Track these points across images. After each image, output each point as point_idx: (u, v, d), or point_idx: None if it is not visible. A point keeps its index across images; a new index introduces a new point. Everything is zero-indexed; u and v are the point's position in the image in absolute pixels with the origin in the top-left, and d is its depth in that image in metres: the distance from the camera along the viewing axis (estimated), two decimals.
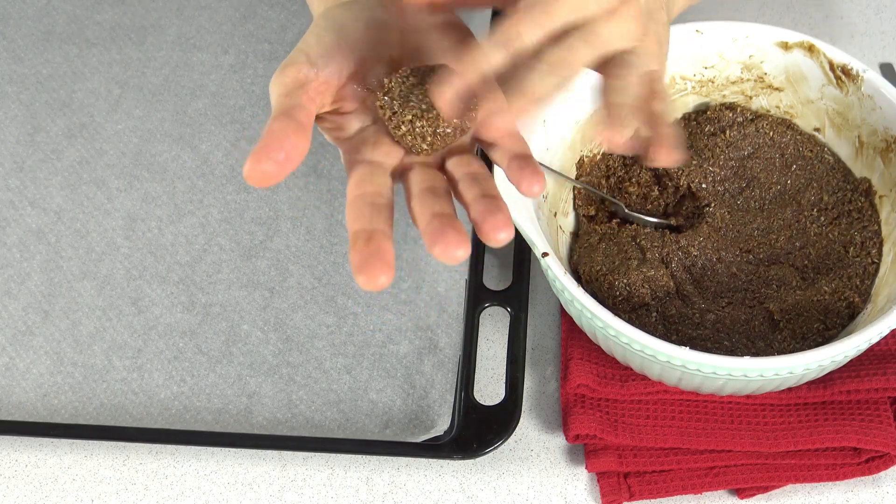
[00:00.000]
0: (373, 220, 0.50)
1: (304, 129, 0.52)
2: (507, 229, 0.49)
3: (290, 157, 0.50)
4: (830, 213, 0.71)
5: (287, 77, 0.54)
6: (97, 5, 0.90)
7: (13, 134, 0.83)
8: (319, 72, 0.54)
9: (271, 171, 0.49)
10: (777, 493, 0.66)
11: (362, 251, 0.48)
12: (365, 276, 0.48)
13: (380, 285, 0.48)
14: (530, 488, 0.67)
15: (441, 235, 0.49)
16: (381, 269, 0.48)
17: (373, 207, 0.51)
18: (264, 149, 0.50)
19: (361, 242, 0.49)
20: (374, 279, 0.48)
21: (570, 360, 0.68)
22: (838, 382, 0.66)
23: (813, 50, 0.72)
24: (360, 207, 0.51)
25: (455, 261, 0.48)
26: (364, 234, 0.49)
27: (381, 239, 0.49)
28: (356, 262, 0.48)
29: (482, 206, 0.50)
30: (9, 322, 0.74)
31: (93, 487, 0.68)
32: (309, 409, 0.70)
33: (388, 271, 0.48)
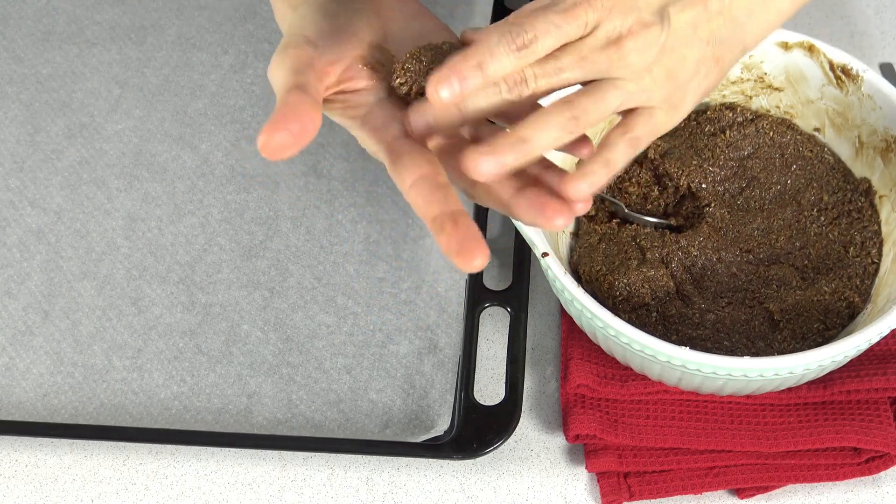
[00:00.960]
0: (448, 202, 0.49)
1: (318, 104, 0.51)
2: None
3: (305, 130, 0.49)
4: (830, 213, 0.71)
5: (290, 57, 0.52)
6: (97, 5, 0.90)
7: (13, 134, 0.83)
8: (323, 52, 0.53)
9: (287, 142, 0.48)
10: (777, 493, 0.66)
11: (454, 234, 0.48)
12: (463, 257, 0.47)
13: (476, 267, 0.47)
14: (530, 488, 0.67)
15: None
16: (478, 250, 0.47)
17: (441, 189, 0.50)
18: (281, 119, 0.49)
19: (450, 225, 0.48)
20: (472, 260, 0.47)
21: (570, 360, 0.68)
22: (838, 382, 0.66)
23: (813, 50, 0.72)
24: (429, 191, 0.50)
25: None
26: (448, 216, 0.48)
27: (467, 220, 0.48)
28: (453, 247, 0.47)
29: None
30: (9, 322, 0.74)
31: (93, 487, 0.68)
32: (309, 409, 0.70)
33: (484, 251, 0.47)
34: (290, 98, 0.50)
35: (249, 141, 0.82)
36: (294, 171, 0.80)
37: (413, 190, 0.50)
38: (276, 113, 0.49)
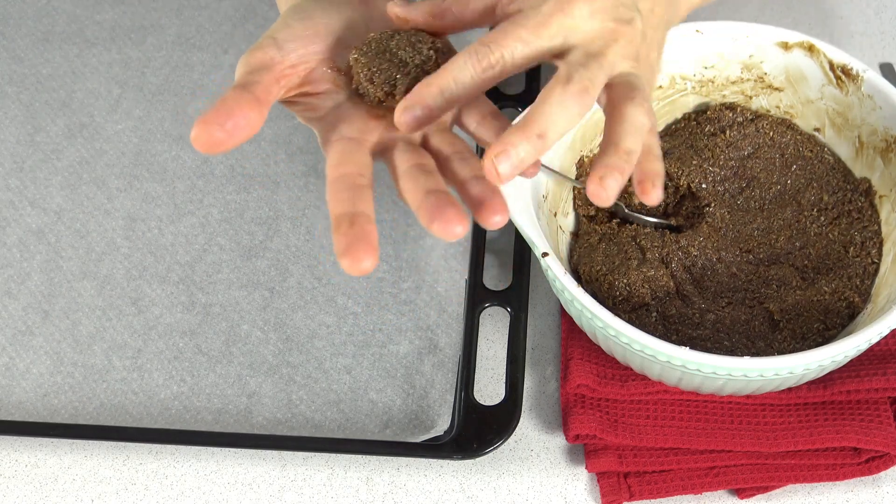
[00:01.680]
0: (355, 203, 0.50)
1: (260, 103, 0.52)
2: (504, 213, 0.49)
3: (238, 127, 0.50)
4: (830, 213, 0.71)
5: (253, 58, 0.54)
6: (97, 5, 0.90)
7: (13, 134, 0.83)
8: (286, 56, 0.55)
9: (218, 137, 0.49)
10: (777, 493, 0.66)
11: (346, 234, 0.48)
12: (349, 259, 0.47)
13: (364, 269, 0.47)
14: (530, 488, 0.67)
15: (439, 212, 0.48)
16: (365, 252, 0.48)
17: (354, 189, 0.50)
18: (214, 115, 0.50)
19: (345, 225, 0.48)
20: (358, 262, 0.47)
21: (570, 360, 0.68)
22: (838, 382, 0.66)
23: (813, 50, 0.72)
24: (342, 190, 0.50)
25: (454, 237, 0.48)
26: (347, 217, 0.49)
27: (365, 222, 0.49)
28: (340, 246, 0.48)
29: (479, 187, 0.50)
30: (9, 322, 0.74)
31: (93, 487, 0.68)
32: (309, 409, 0.70)
33: (372, 254, 0.48)
34: (229, 95, 0.51)
35: (249, 141, 0.81)
36: (294, 171, 0.80)
37: (330, 186, 0.51)
38: (212, 108, 0.50)
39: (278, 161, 0.81)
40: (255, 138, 0.81)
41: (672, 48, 0.72)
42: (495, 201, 0.50)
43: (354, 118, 0.55)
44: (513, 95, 0.81)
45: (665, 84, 0.74)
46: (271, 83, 0.54)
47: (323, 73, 0.56)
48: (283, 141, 0.82)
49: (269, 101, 0.53)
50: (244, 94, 0.52)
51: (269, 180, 0.80)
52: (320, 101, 0.56)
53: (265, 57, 0.54)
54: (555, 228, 0.70)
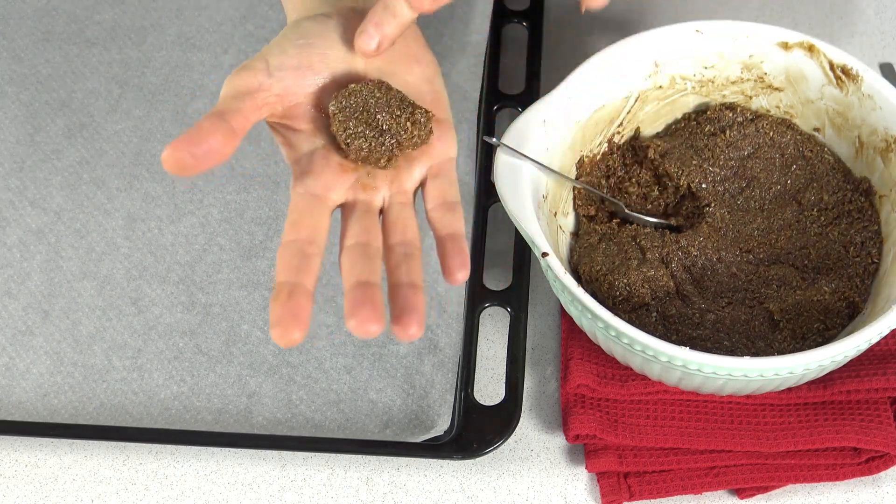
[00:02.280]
0: (299, 273, 0.51)
1: (234, 133, 0.52)
2: (419, 328, 0.51)
3: (208, 155, 0.50)
4: (830, 213, 0.71)
5: (240, 80, 0.54)
6: (97, 5, 0.90)
7: (13, 134, 0.83)
8: (274, 83, 0.54)
9: (187, 162, 0.50)
10: (777, 493, 0.66)
11: (283, 306, 0.49)
12: (279, 330, 0.49)
13: (292, 342, 0.49)
14: (530, 488, 0.67)
15: (358, 308, 0.50)
16: (295, 327, 0.49)
17: (302, 258, 0.52)
18: (185, 141, 0.50)
19: (283, 296, 0.50)
20: (287, 335, 0.49)
21: (570, 360, 0.68)
22: (838, 382, 0.66)
23: (813, 50, 0.72)
24: (291, 256, 0.52)
25: (368, 335, 0.49)
26: (287, 288, 0.50)
27: (302, 296, 0.50)
28: (274, 316, 0.49)
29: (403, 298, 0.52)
30: (9, 322, 0.74)
31: (93, 487, 0.68)
32: (309, 409, 0.70)
33: (301, 329, 0.49)
34: (204, 123, 0.51)
35: (249, 141, 0.82)
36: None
37: (282, 248, 0.52)
38: (186, 133, 0.50)
39: (278, 161, 0.81)
40: (255, 138, 0.81)
41: (672, 48, 0.72)
42: (412, 318, 0.51)
43: (324, 172, 0.55)
44: (513, 95, 0.81)
45: (665, 84, 0.74)
46: (252, 110, 0.53)
47: (306, 110, 0.56)
48: None
49: (244, 130, 0.53)
50: (220, 123, 0.51)
51: (269, 180, 0.80)
52: (298, 141, 0.56)
53: (252, 82, 0.54)
54: (555, 228, 0.70)
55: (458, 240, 0.54)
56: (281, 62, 0.55)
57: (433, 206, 0.56)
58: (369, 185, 0.56)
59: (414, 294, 0.52)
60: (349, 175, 0.56)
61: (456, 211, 0.56)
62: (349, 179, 0.56)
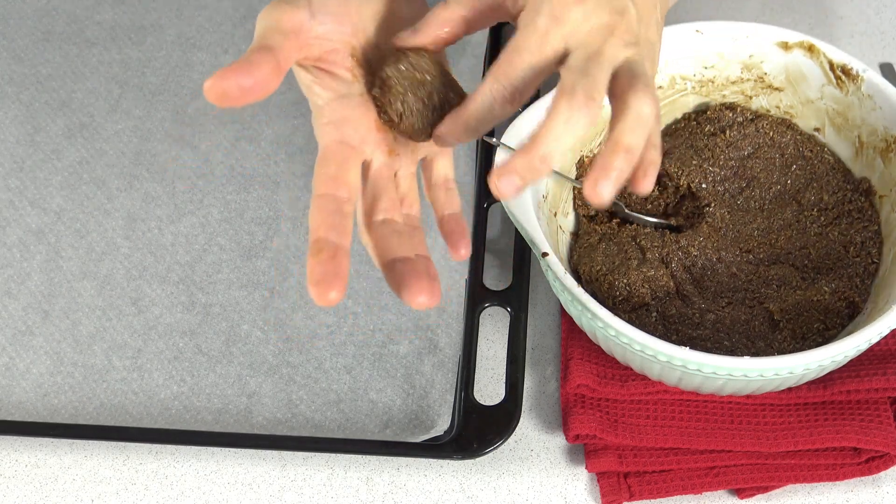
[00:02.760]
0: (339, 233, 0.50)
1: (280, 70, 0.51)
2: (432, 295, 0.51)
3: (256, 88, 0.49)
4: (830, 213, 0.71)
5: (283, 14, 0.52)
6: (97, 5, 0.90)
7: (13, 134, 0.83)
8: (316, 25, 0.53)
9: (233, 93, 0.49)
10: (777, 493, 0.66)
11: (325, 264, 0.48)
12: (321, 289, 0.48)
13: (332, 301, 0.48)
14: (530, 488, 0.67)
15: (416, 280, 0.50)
16: (337, 286, 0.48)
17: (340, 217, 0.51)
18: (234, 70, 0.49)
19: (326, 255, 0.49)
20: (326, 294, 0.48)
21: (570, 360, 0.68)
22: (838, 382, 0.66)
23: (813, 50, 0.72)
24: (329, 214, 0.50)
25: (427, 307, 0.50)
26: (330, 247, 0.49)
27: (343, 257, 0.49)
28: (316, 275, 0.48)
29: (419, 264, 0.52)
30: (9, 322, 0.74)
31: (93, 487, 0.68)
32: (309, 409, 0.70)
33: (342, 288, 0.48)
34: (253, 56, 0.50)
35: (249, 141, 0.82)
36: (294, 171, 0.80)
37: (318, 201, 0.51)
38: (234, 64, 0.49)
39: (278, 161, 0.81)
40: (256, 138, 0.81)
41: (672, 48, 0.72)
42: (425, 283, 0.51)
43: (361, 123, 0.54)
44: None
45: (665, 84, 0.74)
46: (293, 50, 0.52)
47: (343, 56, 0.55)
48: (284, 141, 0.82)
49: (287, 67, 0.52)
50: (267, 55, 0.50)
51: (269, 180, 0.80)
52: (332, 83, 0.55)
53: (295, 19, 0.52)
54: (555, 228, 0.70)
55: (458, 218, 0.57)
56: (322, 3, 0.53)
57: (436, 184, 0.58)
58: (394, 151, 0.55)
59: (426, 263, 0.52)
60: (384, 134, 0.55)
61: (454, 189, 0.58)
62: (384, 139, 0.55)
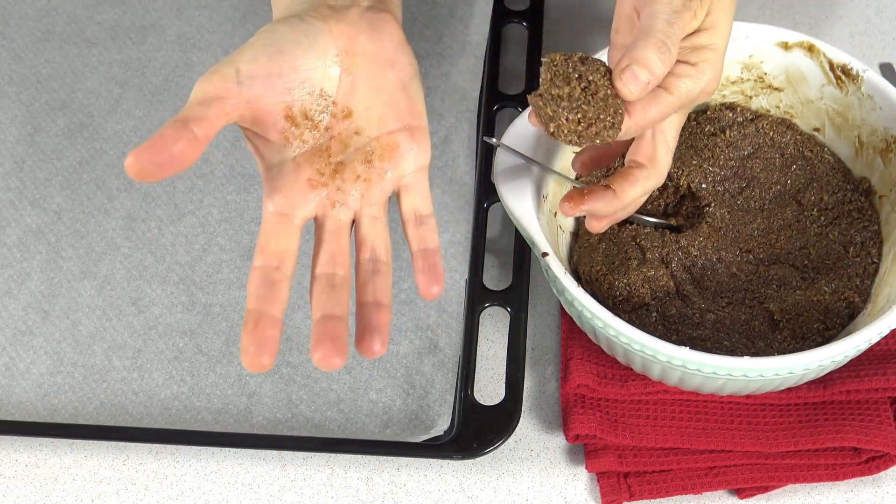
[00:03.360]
0: (265, 301, 0.52)
1: (198, 141, 0.51)
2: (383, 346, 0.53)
3: (171, 162, 0.50)
4: (830, 213, 0.71)
5: (209, 85, 0.53)
6: (97, 5, 0.90)
7: (13, 134, 0.83)
8: (244, 91, 0.53)
9: (149, 170, 0.50)
10: (777, 493, 0.66)
11: (251, 334, 0.51)
12: (247, 358, 0.51)
13: (262, 368, 0.51)
14: (530, 488, 0.67)
15: (320, 343, 0.52)
16: (262, 354, 0.51)
17: (269, 286, 0.53)
18: (148, 149, 0.50)
19: (251, 325, 0.51)
20: (255, 362, 0.51)
21: (570, 360, 0.68)
22: (838, 382, 0.66)
23: (813, 50, 0.72)
24: (258, 284, 0.53)
25: (332, 368, 0.52)
26: (254, 316, 0.52)
27: (269, 325, 0.52)
28: (243, 345, 0.51)
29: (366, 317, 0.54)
30: (9, 322, 0.74)
31: (93, 487, 0.68)
32: (309, 409, 0.70)
33: (269, 355, 0.51)
34: (167, 131, 0.51)
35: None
36: None
37: (252, 273, 0.54)
38: (149, 140, 0.50)
39: None
40: None
41: None
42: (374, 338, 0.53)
43: (292, 188, 0.55)
44: (513, 95, 0.81)
45: None
46: (218, 117, 0.52)
47: (276, 120, 0.55)
48: None
49: (209, 137, 0.52)
50: (183, 130, 0.51)
51: None
52: (267, 151, 0.56)
53: (221, 87, 0.53)
54: (555, 228, 0.70)
55: (430, 255, 0.56)
56: (251, 70, 0.54)
57: (406, 219, 0.58)
58: (339, 201, 0.56)
59: (377, 313, 0.54)
60: (318, 191, 0.55)
61: (428, 224, 0.57)
62: (317, 195, 0.55)
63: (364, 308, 0.54)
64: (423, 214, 0.58)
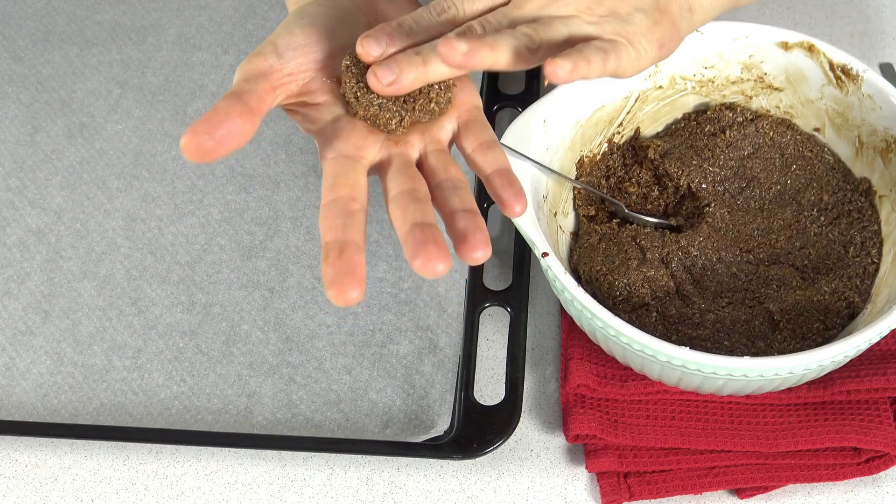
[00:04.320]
0: (346, 230, 0.49)
1: (252, 112, 0.51)
2: (486, 249, 0.49)
3: (229, 137, 0.50)
4: (830, 213, 0.71)
5: (251, 65, 0.54)
6: (97, 5, 0.90)
7: (13, 134, 0.83)
8: (285, 63, 0.54)
9: (208, 146, 0.49)
10: (777, 493, 0.66)
11: (334, 265, 0.48)
12: (336, 290, 0.47)
13: (350, 300, 0.47)
14: (530, 488, 0.67)
15: (422, 248, 0.48)
16: (351, 285, 0.47)
17: (346, 215, 0.50)
18: (204, 124, 0.49)
19: (334, 255, 0.48)
20: (344, 294, 0.47)
21: (570, 360, 0.68)
22: (838, 382, 0.66)
23: (813, 50, 0.72)
24: (334, 216, 0.50)
25: (435, 275, 0.48)
26: (337, 246, 0.49)
27: (354, 252, 0.49)
28: (328, 277, 0.48)
29: (465, 221, 0.50)
30: (9, 322, 0.74)
31: (93, 487, 0.68)
32: (309, 409, 0.70)
33: (359, 287, 0.47)
34: (221, 104, 0.51)
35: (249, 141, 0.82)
36: (294, 171, 0.80)
37: (322, 210, 0.51)
38: (204, 116, 0.50)
39: (278, 161, 0.81)
40: (255, 138, 0.81)
41: None
42: (477, 238, 0.49)
43: (352, 134, 0.55)
44: (513, 95, 0.81)
45: (665, 84, 0.74)
46: (266, 92, 0.53)
47: (322, 83, 0.56)
48: (283, 141, 0.82)
49: (261, 111, 0.53)
50: (236, 103, 0.51)
51: (269, 180, 0.80)
52: (318, 113, 0.56)
53: (263, 64, 0.54)
54: (555, 228, 0.70)
55: (507, 173, 0.53)
56: (288, 42, 0.55)
57: (472, 148, 0.55)
58: (402, 140, 0.55)
59: (474, 217, 0.50)
60: (379, 134, 0.55)
61: (496, 148, 0.54)
62: (380, 138, 0.55)
63: (456, 216, 0.50)
64: (490, 140, 0.55)
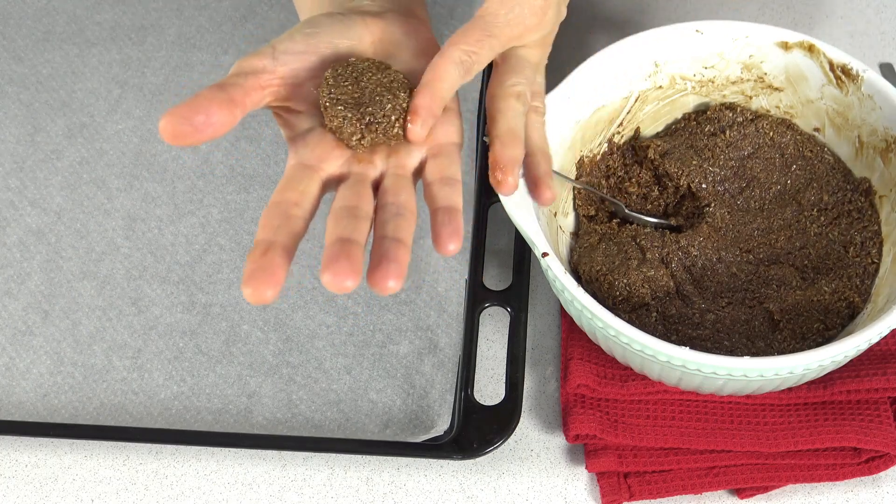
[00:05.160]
0: (278, 232, 0.50)
1: (233, 104, 0.51)
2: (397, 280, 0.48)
3: (206, 124, 0.50)
4: (830, 213, 0.71)
5: (246, 62, 0.54)
6: (97, 5, 0.90)
7: (13, 134, 0.83)
8: (279, 66, 0.55)
9: (184, 130, 0.49)
10: (777, 493, 0.66)
11: (255, 262, 0.48)
12: (251, 287, 0.47)
13: (265, 299, 0.47)
14: (530, 488, 0.67)
15: (334, 263, 0.48)
16: (267, 284, 0.48)
17: (284, 218, 0.51)
18: (184, 108, 0.50)
19: (258, 253, 0.49)
20: (258, 291, 0.47)
21: (570, 360, 0.68)
22: (838, 382, 0.66)
23: (813, 50, 0.72)
24: (273, 216, 0.51)
25: (342, 290, 0.48)
26: (264, 245, 0.49)
27: (279, 254, 0.49)
28: (246, 273, 0.48)
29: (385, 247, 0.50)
30: (9, 322, 0.74)
31: (93, 487, 0.68)
32: (309, 409, 0.70)
33: (274, 286, 0.48)
34: (204, 91, 0.51)
35: (249, 141, 0.82)
36: None
37: (266, 209, 0.51)
38: (185, 101, 0.50)
39: (278, 161, 0.81)
40: (256, 138, 0.81)
41: (672, 48, 0.72)
42: (390, 268, 0.49)
43: (318, 145, 0.55)
44: None
45: (665, 84, 0.74)
46: (253, 88, 0.53)
47: (309, 93, 0.56)
48: (284, 141, 0.81)
49: (244, 105, 0.53)
50: (219, 93, 0.51)
51: (269, 180, 0.80)
52: (297, 121, 0.56)
53: (258, 63, 0.54)
54: (555, 228, 0.70)
55: (452, 212, 0.52)
56: (287, 47, 0.55)
57: (432, 179, 0.54)
58: (365, 159, 0.55)
59: (397, 247, 0.49)
60: (345, 150, 0.55)
61: (454, 186, 0.54)
62: (345, 153, 0.55)
63: (383, 241, 0.50)
64: (451, 177, 0.54)
